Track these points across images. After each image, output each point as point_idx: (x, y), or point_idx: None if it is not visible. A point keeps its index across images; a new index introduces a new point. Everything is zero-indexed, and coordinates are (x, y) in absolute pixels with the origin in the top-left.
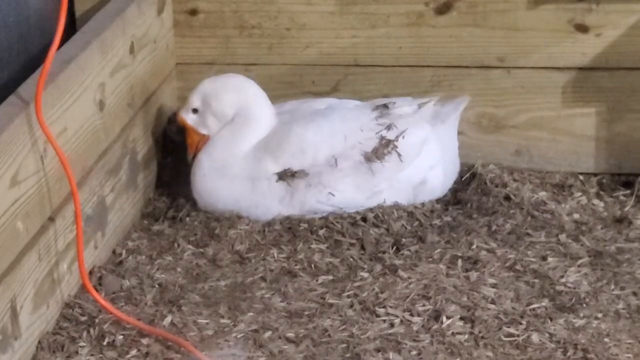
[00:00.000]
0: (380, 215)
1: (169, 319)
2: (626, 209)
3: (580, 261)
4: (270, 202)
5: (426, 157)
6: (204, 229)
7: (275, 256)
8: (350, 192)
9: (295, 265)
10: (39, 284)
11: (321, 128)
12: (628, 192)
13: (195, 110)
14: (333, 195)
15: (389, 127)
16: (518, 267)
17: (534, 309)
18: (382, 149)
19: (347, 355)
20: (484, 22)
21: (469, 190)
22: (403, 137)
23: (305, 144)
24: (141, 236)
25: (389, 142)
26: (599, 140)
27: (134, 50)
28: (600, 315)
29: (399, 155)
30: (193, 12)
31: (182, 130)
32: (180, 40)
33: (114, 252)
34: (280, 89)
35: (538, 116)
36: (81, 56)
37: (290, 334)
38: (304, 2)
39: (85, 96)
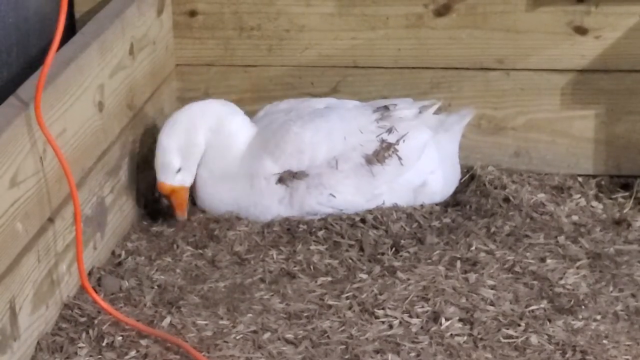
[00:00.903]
0: (379, 216)
1: (168, 320)
2: (625, 211)
3: (579, 263)
4: (270, 202)
5: (426, 161)
6: (203, 230)
7: (274, 257)
8: (350, 194)
9: (294, 266)
10: (38, 284)
11: (319, 128)
12: (627, 194)
13: (179, 170)
14: (334, 196)
15: (389, 130)
16: (517, 268)
17: (532, 311)
18: (383, 152)
19: (346, 356)
20: (483, 24)
21: (468, 192)
22: (404, 140)
23: (304, 144)
24: (140, 237)
25: (390, 145)
26: (598, 142)
27: (134, 52)
28: (599, 317)
29: (400, 158)
30: (192, 14)
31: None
32: (180, 42)
33: (113, 253)
34: (280, 91)
35: (537, 118)
36: (81, 57)
37: (289, 335)
38: (304, 3)
39: (84, 97)
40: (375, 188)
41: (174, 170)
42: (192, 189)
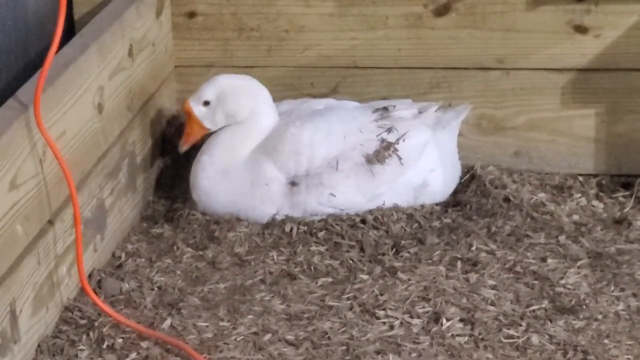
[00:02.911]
0: (379, 217)
1: (168, 322)
2: (626, 210)
3: (579, 262)
4: (270, 205)
5: (427, 161)
6: (203, 232)
7: (275, 258)
8: (351, 193)
9: (295, 267)
10: (38, 287)
11: (319, 128)
12: (627, 193)
13: (206, 103)
14: (334, 196)
15: (389, 130)
16: (518, 268)
17: (533, 311)
18: (383, 152)
19: (347, 357)
20: (482, 23)
21: (469, 192)
22: (404, 140)
23: (301, 145)
24: (140, 239)
25: (390, 144)
26: (598, 141)
27: (133, 53)
28: (600, 316)
29: (400, 158)
30: (192, 15)
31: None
32: (179, 43)
33: (113, 255)
34: (279, 91)
35: (537, 117)
36: (80, 59)
37: (290, 337)
38: (303, 4)
39: (84, 99)
40: (375, 188)
41: (202, 99)
42: (192, 187)
